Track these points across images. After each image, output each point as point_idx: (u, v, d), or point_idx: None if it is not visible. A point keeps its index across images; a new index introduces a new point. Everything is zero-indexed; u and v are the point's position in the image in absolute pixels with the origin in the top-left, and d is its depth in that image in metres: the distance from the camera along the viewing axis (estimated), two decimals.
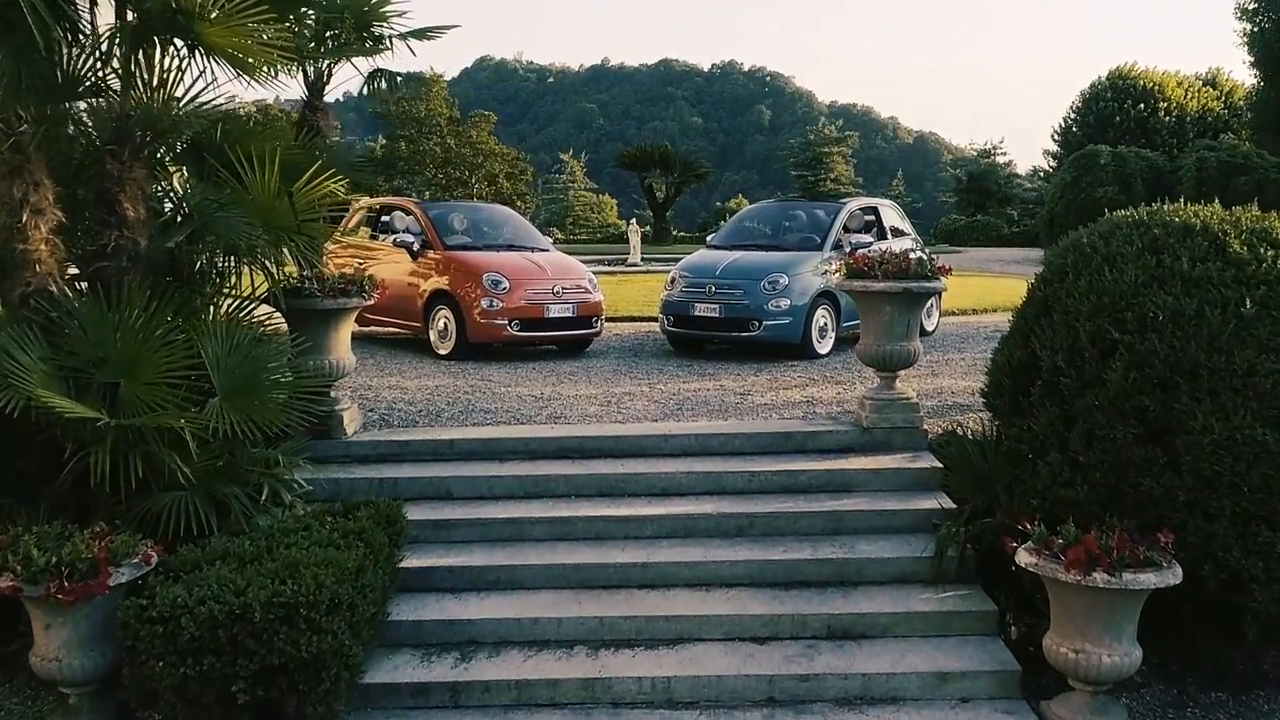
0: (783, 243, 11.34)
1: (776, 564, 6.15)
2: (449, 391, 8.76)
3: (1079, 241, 6.24)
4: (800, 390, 8.84)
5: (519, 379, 9.47)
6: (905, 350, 7.23)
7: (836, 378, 9.44)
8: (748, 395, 8.64)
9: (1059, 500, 5.68)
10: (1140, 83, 48.74)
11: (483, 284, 10.30)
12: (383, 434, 7.44)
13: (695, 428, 7.45)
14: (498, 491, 6.86)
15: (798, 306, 10.32)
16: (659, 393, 8.77)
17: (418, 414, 7.92)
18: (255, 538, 5.53)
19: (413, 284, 10.88)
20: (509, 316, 10.28)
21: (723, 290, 10.46)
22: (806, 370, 9.92)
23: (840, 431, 7.31)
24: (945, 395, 8.57)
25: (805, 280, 10.49)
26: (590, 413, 7.99)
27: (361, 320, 11.61)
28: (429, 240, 10.94)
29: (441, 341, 10.58)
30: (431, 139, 42.75)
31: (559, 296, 10.54)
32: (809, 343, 10.45)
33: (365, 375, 9.58)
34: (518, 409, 8.10)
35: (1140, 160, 28.56)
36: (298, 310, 7.03)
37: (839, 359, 10.61)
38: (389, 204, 12.00)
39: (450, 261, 10.66)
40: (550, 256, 11.22)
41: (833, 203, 12.25)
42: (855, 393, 8.67)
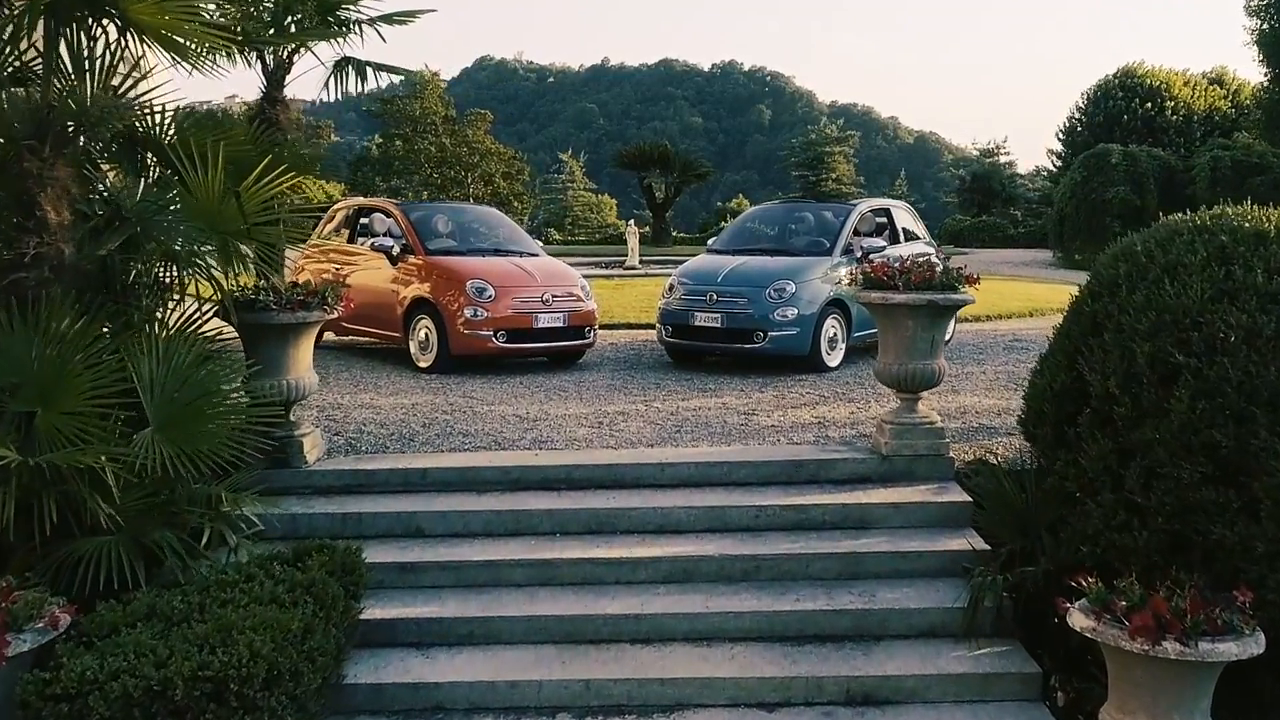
0: (789, 247, 10.59)
1: (787, 615, 5.42)
2: (426, 411, 8.02)
3: (1131, 250, 5.50)
4: (810, 410, 8.10)
5: (504, 396, 8.73)
6: (929, 369, 6.50)
7: (849, 394, 8.70)
8: (753, 415, 7.90)
9: (1113, 547, 4.96)
10: (1147, 81, 48.06)
11: (466, 291, 9.56)
12: (348, 462, 6.71)
13: (695, 455, 6.71)
14: (474, 528, 6.14)
15: (806, 316, 9.58)
16: (656, 412, 8.04)
17: (389, 438, 7.19)
18: (189, 592, 4.81)
19: (392, 291, 10.15)
20: (494, 327, 9.55)
21: (725, 298, 9.72)
22: (816, 385, 9.18)
23: (856, 459, 6.57)
24: (969, 415, 7.83)
25: (814, 288, 9.75)
26: (580, 436, 7.25)
27: (339, 330, 10.90)
28: (409, 244, 10.20)
29: (422, 354, 9.85)
30: (427, 138, 41.99)
31: (549, 305, 9.80)
32: (818, 355, 9.71)
33: (337, 391, 8.84)
34: (500, 431, 7.36)
35: (1152, 160, 27.81)
36: (251, 325, 6.31)
37: (850, 372, 9.87)
38: (368, 205, 11.25)
39: (432, 267, 9.92)
40: (540, 262, 10.48)
41: (842, 204, 11.51)
42: (870, 412, 7.94)
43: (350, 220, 11.19)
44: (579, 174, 70.80)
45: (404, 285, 10.04)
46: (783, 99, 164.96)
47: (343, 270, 10.87)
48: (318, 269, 11.20)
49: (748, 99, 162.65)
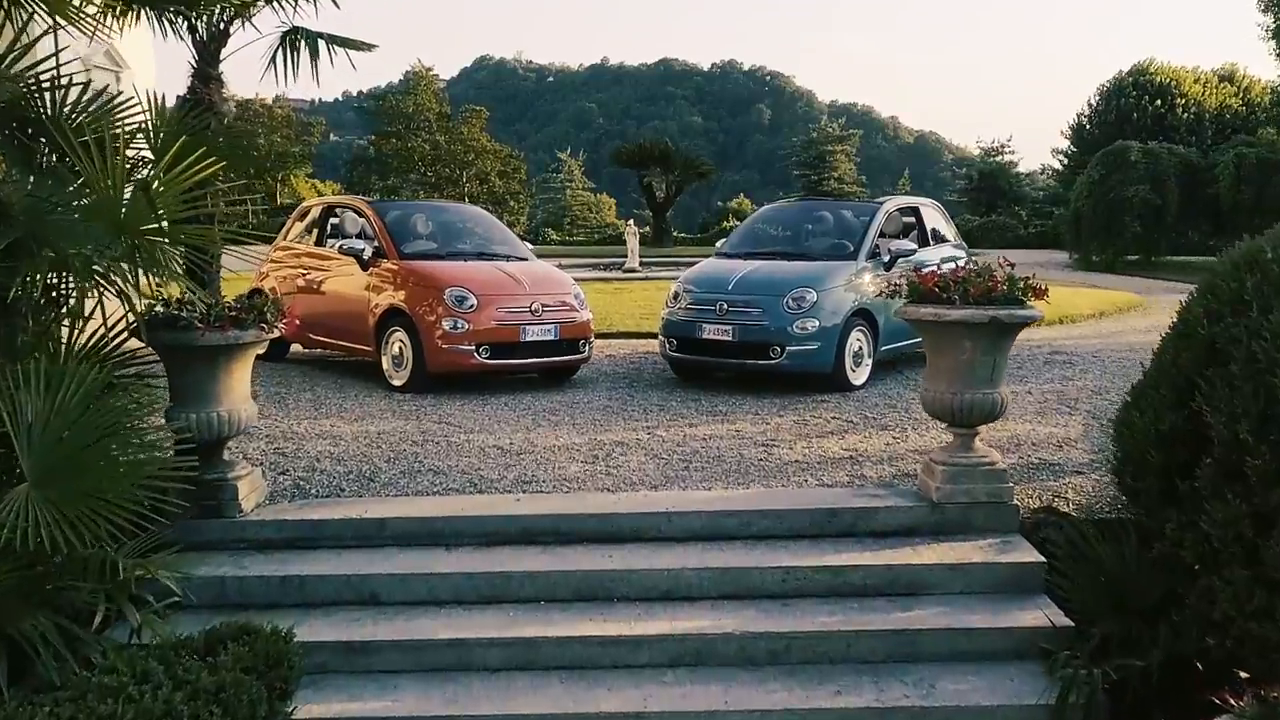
0: (808, 250, 9.48)
1: (827, 714, 4.34)
2: (393, 441, 6.93)
3: (1259, 257, 4.39)
4: (838, 440, 7.00)
5: (485, 421, 7.64)
6: (989, 400, 5.41)
7: (881, 420, 7.61)
8: (772, 447, 6.81)
9: (1250, 638, 3.88)
10: (1158, 79, 47.10)
11: (445, 301, 8.46)
12: (293, 509, 5.61)
13: (708, 501, 5.62)
14: (441, 594, 5.06)
15: (828, 329, 8.49)
16: (660, 442, 6.95)
17: (346, 477, 6.09)
18: (61, 702, 3.71)
19: (363, 299, 9.05)
20: (476, 340, 8.45)
21: (737, 309, 8.62)
22: (841, 407, 8.09)
23: (902, 507, 5.48)
24: (1024, 448, 6.74)
25: (837, 296, 8.65)
26: (571, 474, 6.16)
27: (306, 342, 9.81)
28: (382, 247, 9.10)
29: (396, 370, 8.75)
30: (420, 135, 40.86)
31: (538, 316, 8.70)
32: (842, 372, 8.62)
33: (294, 416, 7.74)
34: (477, 469, 6.27)
35: (1173, 157, 26.64)
36: (173, 348, 5.23)
37: (878, 391, 8.78)
38: (338, 204, 10.14)
39: (407, 273, 8.82)
40: (528, 267, 9.38)
41: (866, 202, 10.41)
42: (910, 444, 6.85)
43: (319, 220, 10.09)
44: (577, 173, 69.69)
45: (376, 293, 8.94)
46: (782, 98, 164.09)
47: (309, 276, 9.78)
48: (282, 275, 10.11)
49: (747, 99, 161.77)
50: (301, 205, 10.74)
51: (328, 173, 56.91)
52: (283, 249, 10.35)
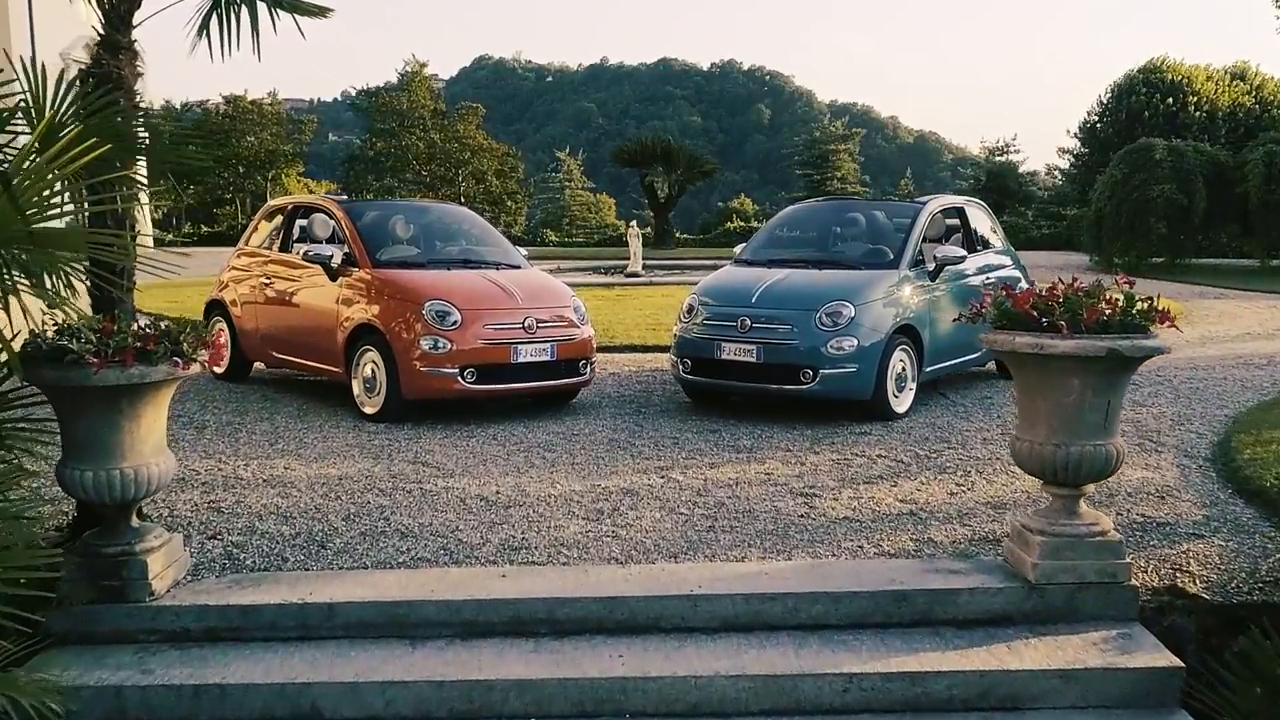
0: (841, 257, 8.31)
1: None
2: (356, 489, 5.77)
3: None
4: (890, 487, 5.85)
5: (468, 460, 6.48)
6: (1103, 453, 4.26)
7: (937, 459, 6.45)
8: (813, 496, 5.65)
9: None
10: (1169, 76, 46.07)
11: (423, 316, 7.30)
12: (219, 589, 4.45)
13: (743, 578, 4.46)
14: (402, 709, 3.91)
15: (868, 348, 7.33)
16: (677, 489, 5.79)
17: (292, 541, 4.93)
18: None
19: (331, 314, 7.89)
20: (460, 362, 7.28)
21: (762, 325, 7.46)
22: (885, 442, 6.94)
23: (990, 589, 4.32)
24: (1119, 500, 5.58)
25: (877, 311, 7.49)
26: (570, 536, 5.00)
27: (270, 361, 8.65)
28: (353, 253, 7.93)
29: (368, 396, 7.58)
30: (414, 133, 39.65)
31: (532, 333, 7.54)
32: (883, 399, 7.46)
33: (242, 455, 6.58)
34: (455, 528, 5.11)
35: (1199, 155, 25.47)
36: (60, 388, 4.07)
37: (925, 420, 7.62)
38: (305, 204, 8.96)
39: (381, 284, 7.66)
40: (522, 276, 8.21)
41: (905, 203, 9.24)
42: (977, 494, 5.69)
43: (286, 223, 8.92)
44: (577, 173, 68.54)
45: (346, 306, 7.78)
46: (782, 98, 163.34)
47: (273, 286, 8.62)
48: (243, 284, 8.95)
49: (747, 98, 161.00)
50: (267, 205, 9.58)
51: (327, 172, 55.80)
52: (246, 254, 9.18)
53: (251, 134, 38.65)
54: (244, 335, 8.85)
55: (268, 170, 39.03)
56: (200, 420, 7.47)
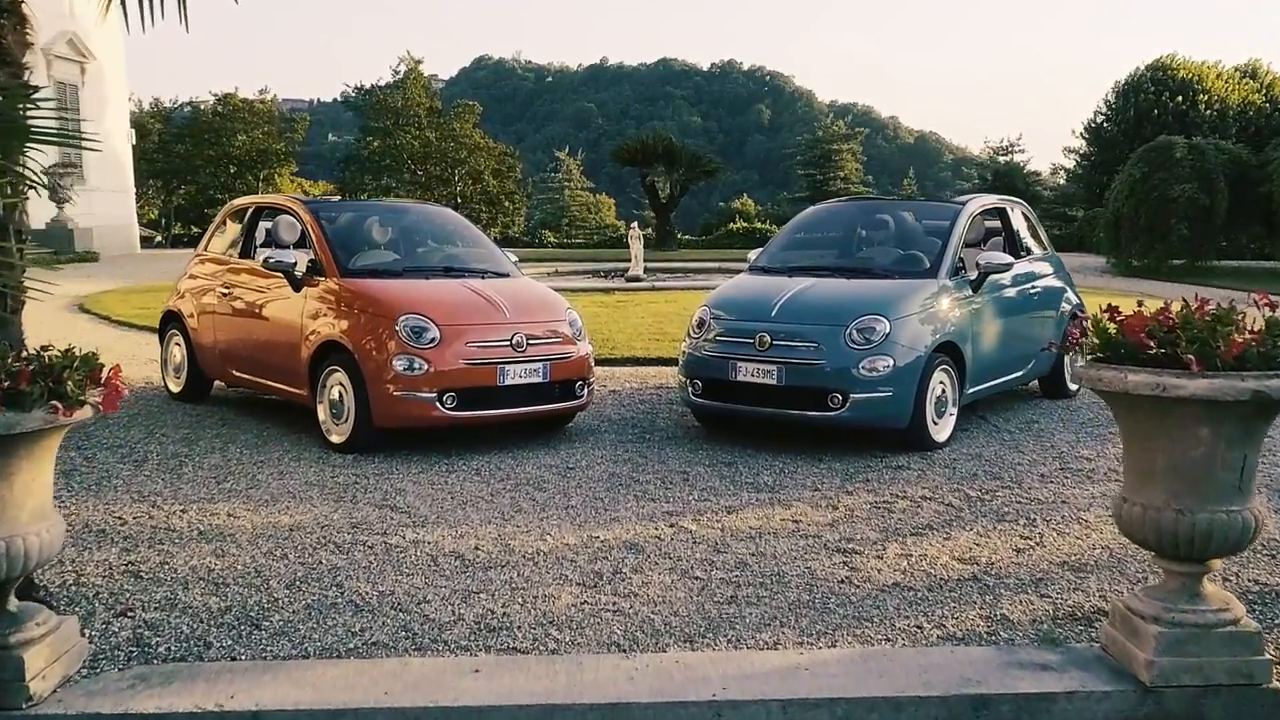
0: (871, 264, 7.39)
1: None
2: (308, 544, 4.85)
3: None
4: (943, 539, 4.93)
5: (444, 502, 5.56)
6: (1238, 522, 3.35)
7: (992, 502, 5.53)
8: (853, 553, 4.73)
9: None
10: (1179, 74, 45.23)
11: (397, 333, 6.39)
12: (118, 689, 3.52)
13: (777, 673, 3.54)
14: None
15: (905, 369, 6.41)
16: (689, 543, 4.88)
17: (220, 618, 4.01)
18: None
19: (295, 328, 6.97)
20: (439, 386, 6.36)
21: (783, 343, 6.54)
22: (927, 478, 6.03)
23: (1092, 693, 3.41)
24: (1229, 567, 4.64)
25: (915, 326, 6.58)
26: (560, 610, 4.09)
27: (230, 380, 7.74)
28: (320, 260, 7.02)
29: (335, 423, 6.66)
30: (409, 131, 38.67)
31: (521, 351, 6.62)
32: (921, 426, 6.55)
33: (181, 498, 5.66)
34: (422, 598, 4.19)
35: (1221, 154, 24.55)
36: None
37: (967, 450, 6.71)
38: (269, 204, 8.03)
39: (350, 296, 6.74)
40: (511, 286, 7.28)
41: (941, 203, 8.33)
42: (1050, 551, 4.77)
43: (248, 225, 7.99)
44: (576, 173, 67.59)
45: (311, 320, 6.86)
46: (782, 98, 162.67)
47: (232, 296, 7.70)
48: (201, 293, 8.04)
49: (747, 98, 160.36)
50: (228, 205, 8.65)
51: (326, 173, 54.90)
52: (205, 260, 8.27)
53: (243, 132, 37.66)
54: (201, 351, 7.94)
55: (259, 170, 38.06)
56: (142, 452, 6.55)
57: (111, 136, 30.28)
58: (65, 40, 27.91)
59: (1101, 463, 6.35)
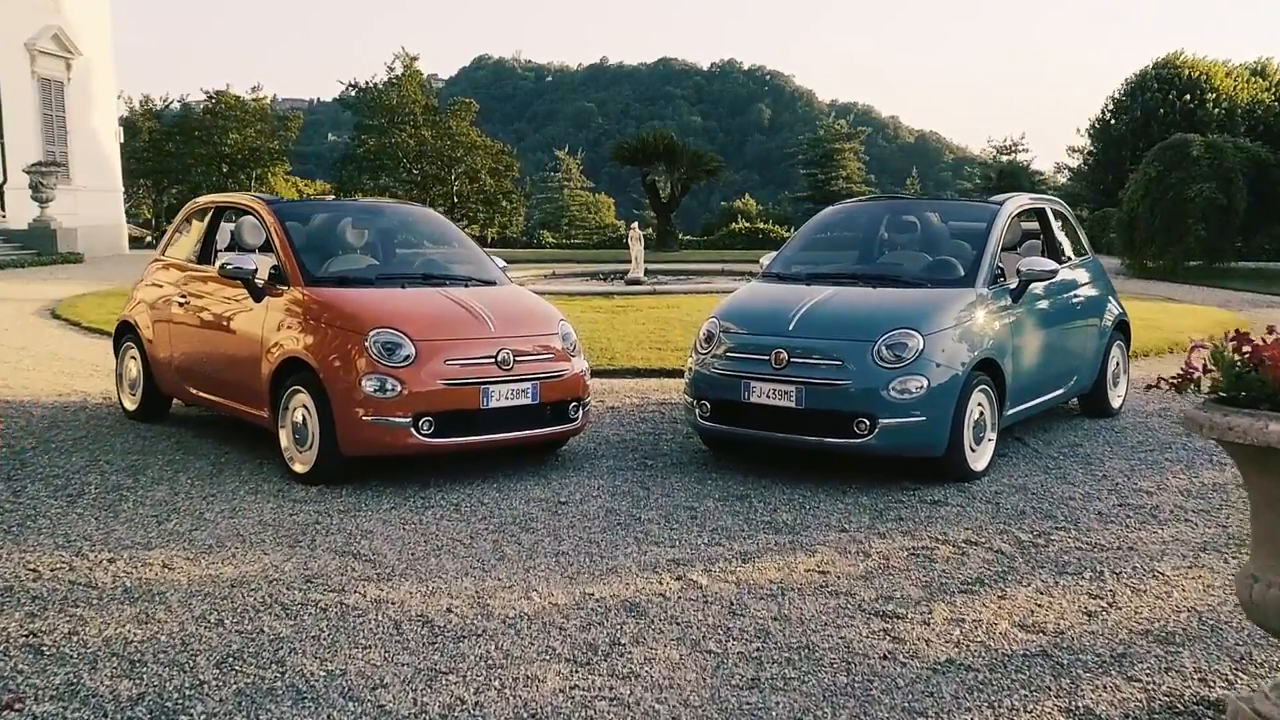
0: (899, 272, 6.65)
1: None
2: (250, 605, 4.12)
3: None
4: (997, 597, 4.20)
5: (415, 548, 4.84)
6: None
7: (1048, 548, 4.80)
8: (894, 617, 4.00)
9: None
10: (1186, 72, 44.53)
11: (368, 350, 5.65)
12: None
13: None
14: None
15: (940, 390, 5.68)
16: (700, 602, 4.16)
17: (128, 709, 3.28)
18: None
19: (255, 342, 6.24)
20: (414, 409, 5.62)
21: (803, 360, 5.81)
22: (969, 515, 5.30)
23: None
24: None
25: (951, 342, 5.85)
26: (546, 694, 3.36)
27: (188, 398, 7.02)
28: (283, 267, 6.28)
29: (298, 450, 5.92)
30: (404, 130, 37.90)
31: (508, 369, 5.88)
32: (959, 455, 5.82)
33: (112, 543, 4.93)
34: (378, 679, 3.46)
35: (1240, 152, 23.82)
36: None
37: (1010, 481, 5.98)
38: (231, 204, 7.29)
39: (316, 307, 6.00)
40: (497, 296, 6.53)
41: (974, 203, 7.60)
42: (1128, 615, 4.04)
43: (209, 227, 7.25)
44: (576, 172, 66.87)
45: (273, 333, 6.12)
46: (782, 98, 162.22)
47: (189, 305, 6.97)
48: (157, 302, 7.31)
49: (747, 98, 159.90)
50: (189, 205, 7.90)
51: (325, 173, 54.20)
52: (163, 265, 7.53)
53: (235, 131, 36.87)
54: (157, 366, 7.21)
55: (251, 169, 37.27)
56: (78, 484, 5.81)
57: (98, 134, 29.57)
58: (50, 35, 27.18)
59: (1164, 497, 5.62)
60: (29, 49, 26.53)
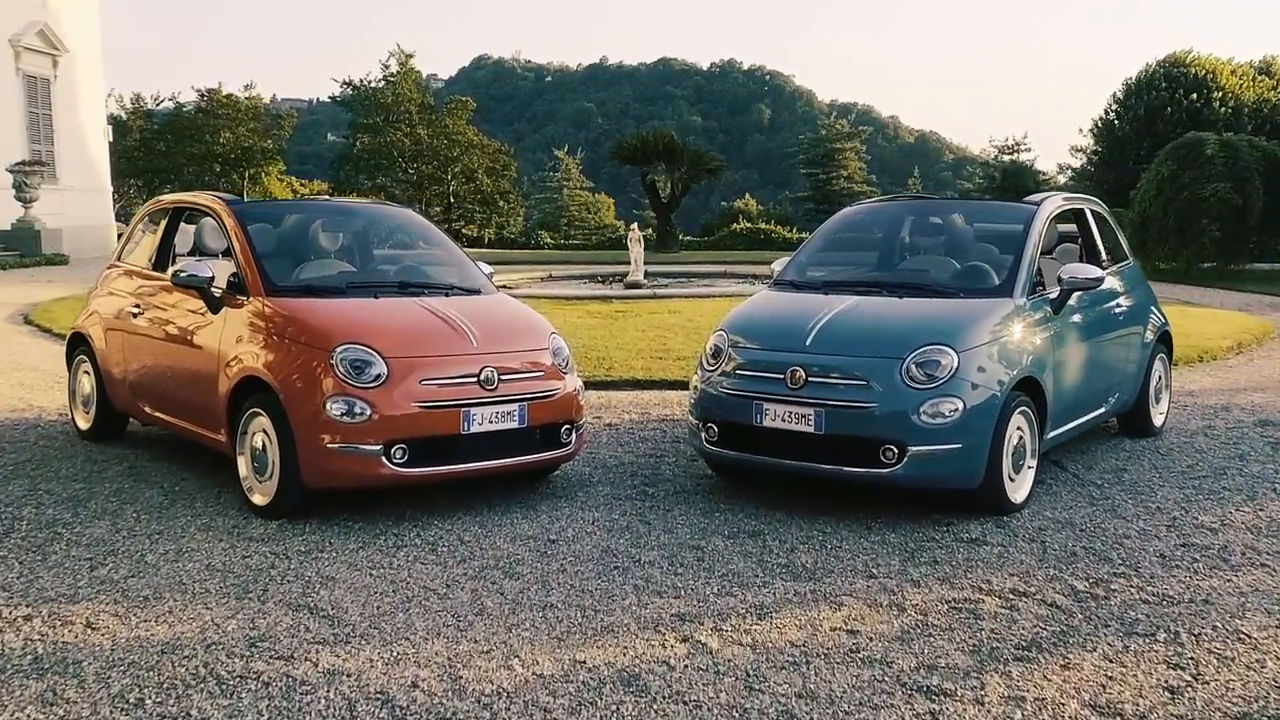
0: (927, 280, 6.00)
1: None
2: (180, 677, 3.50)
3: None
4: (1059, 666, 3.57)
5: (382, 597, 4.22)
6: None
7: (1109, 600, 4.17)
8: (939, 694, 3.38)
9: None
10: (1193, 71, 43.93)
11: (333, 368, 5.03)
12: None
13: None
14: None
15: (977, 413, 5.05)
16: (711, 672, 3.54)
17: None
18: None
19: (211, 358, 5.61)
20: (386, 436, 5.00)
21: (822, 379, 5.18)
22: (1012, 555, 4.68)
23: None
24: None
25: (989, 359, 5.22)
26: None
27: (143, 418, 6.39)
28: (243, 274, 5.65)
29: (257, 480, 5.30)
30: (400, 128, 37.26)
31: (492, 389, 5.25)
32: (997, 486, 5.19)
33: (36, 589, 4.31)
34: None
35: (1255, 151, 23.20)
36: None
37: (1054, 512, 5.36)
38: (189, 204, 6.66)
39: (280, 320, 5.38)
40: (482, 307, 5.90)
41: (1008, 203, 6.97)
42: (1212, 688, 3.42)
43: (167, 230, 6.62)
44: (575, 172, 66.24)
45: (232, 348, 5.49)
46: (782, 98, 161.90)
47: (143, 316, 6.34)
48: (111, 312, 6.68)
49: (747, 98, 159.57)
50: (148, 204, 7.27)
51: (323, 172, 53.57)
52: (120, 271, 6.90)
53: (228, 130, 36.22)
54: (111, 382, 6.58)
55: (245, 168, 36.62)
56: (11, 517, 5.19)
57: (86, 133, 28.94)
58: (35, 31, 26.56)
59: (1231, 536, 5.00)
60: (14, 45, 25.90)
